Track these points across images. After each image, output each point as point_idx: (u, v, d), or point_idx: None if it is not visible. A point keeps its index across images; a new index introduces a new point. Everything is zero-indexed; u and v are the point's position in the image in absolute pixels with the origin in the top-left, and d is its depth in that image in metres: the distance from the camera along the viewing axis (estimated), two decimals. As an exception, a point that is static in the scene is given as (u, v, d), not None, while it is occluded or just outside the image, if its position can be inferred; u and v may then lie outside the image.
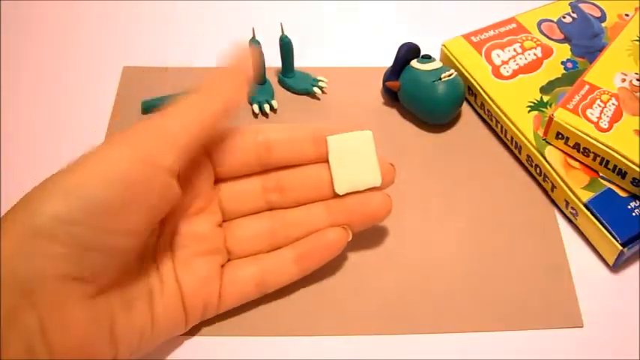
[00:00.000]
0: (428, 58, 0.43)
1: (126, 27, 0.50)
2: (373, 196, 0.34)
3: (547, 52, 0.44)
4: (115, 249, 0.27)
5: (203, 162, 0.32)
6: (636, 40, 0.42)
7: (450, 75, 0.41)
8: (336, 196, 0.34)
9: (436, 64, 0.42)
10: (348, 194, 0.34)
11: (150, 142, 0.28)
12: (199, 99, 0.30)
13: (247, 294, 0.34)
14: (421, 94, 0.41)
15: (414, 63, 0.43)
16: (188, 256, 0.32)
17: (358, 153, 0.34)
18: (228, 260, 0.34)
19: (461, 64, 0.44)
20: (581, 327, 0.35)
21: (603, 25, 0.46)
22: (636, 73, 0.40)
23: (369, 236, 0.38)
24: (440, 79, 0.41)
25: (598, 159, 0.37)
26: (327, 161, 0.34)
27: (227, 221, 0.34)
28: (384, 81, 0.44)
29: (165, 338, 0.31)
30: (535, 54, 0.44)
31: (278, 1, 0.52)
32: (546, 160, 0.39)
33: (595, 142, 0.37)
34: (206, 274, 0.32)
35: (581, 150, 0.38)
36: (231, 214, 0.34)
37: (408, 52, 0.42)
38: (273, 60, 0.45)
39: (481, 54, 0.44)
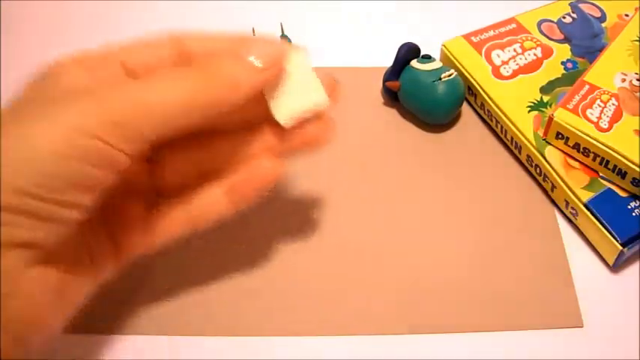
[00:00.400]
0: (428, 58, 0.43)
1: (126, 27, 0.50)
2: (312, 119, 0.30)
3: (547, 52, 0.44)
4: (66, 220, 0.25)
5: None
6: (636, 40, 0.42)
7: (450, 75, 0.41)
8: (272, 121, 0.29)
9: (436, 64, 0.42)
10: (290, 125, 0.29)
11: (120, 115, 0.24)
12: (197, 75, 0.26)
13: (177, 230, 0.31)
14: (421, 94, 0.41)
15: (414, 63, 0.43)
16: (115, 197, 0.29)
17: (295, 74, 0.28)
18: (156, 195, 0.31)
19: (461, 64, 0.44)
20: (581, 327, 0.35)
21: (603, 25, 0.46)
22: (636, 73, 0.40)
23: (369, 235, 0.38)
24: (440, 79, 0.41)
25: (598, 159, 0.37)
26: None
27: (154, 152, 0.31)
28: (384, 81, 0.44)
29: (100, 283, 0.30)
30: (535, 54, 0.44)
31: (278, 1, 0.52)
32: (546, 160, 0.39)
33: (595, 142, 0.37)
34: (133, 214, 0.30)
35: (581, 150, 0.38)
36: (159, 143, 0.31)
37: (408, 52, 0.42)
38: (273, 60, 0.45)
39: (481, 54, 0.44)
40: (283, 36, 0.43)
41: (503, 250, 0.38)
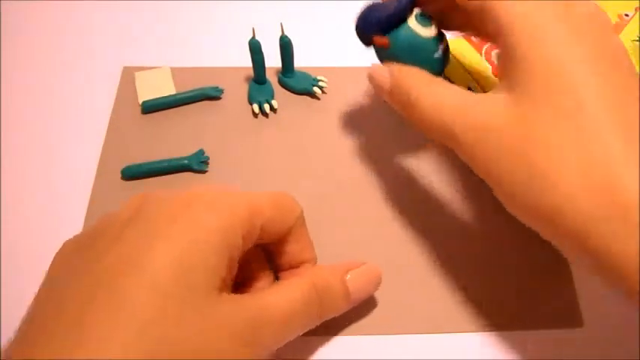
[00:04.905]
0: (427, 19, 0.35)
1: (126, 27, 0.50)
2: None
3: (547, 52, 0.44)
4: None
5: None
6: (636, 40, 0.42)
7: (445, 46, 0.35)
8: None
9: (434, 31, 0.35)
10: None
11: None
12: (312, 309, 0.31)
13: None
14: (417, 65, 0.35)
15: (413, 23, 0.34)
16: None
17: (159, 82, 0.45)
18: None
19: (461, 64, 0.44)
20: (581, 327, 0.35)
21: (603, 25, 0.46)
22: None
23: (369, 236, 0.38)
24: (438, 50, 0.35)
25: (598, 159, 0.37)
26: None
27: None
28: (367, 30, 0.36)
29: None
30: (535, 54, 0.44)
31: (278, 1, 0.52)
32: (546, 160, 0.39)
33: (595, 142, 0.37)
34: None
35: (581, 150, 0.38)
36: None
37: (409, 5, 0.34)
38: (273, 60, 0.45)
39: (481, 54, 0.44)
40: (283, 36, 0.43)
41: (503, 249, 0.38)
